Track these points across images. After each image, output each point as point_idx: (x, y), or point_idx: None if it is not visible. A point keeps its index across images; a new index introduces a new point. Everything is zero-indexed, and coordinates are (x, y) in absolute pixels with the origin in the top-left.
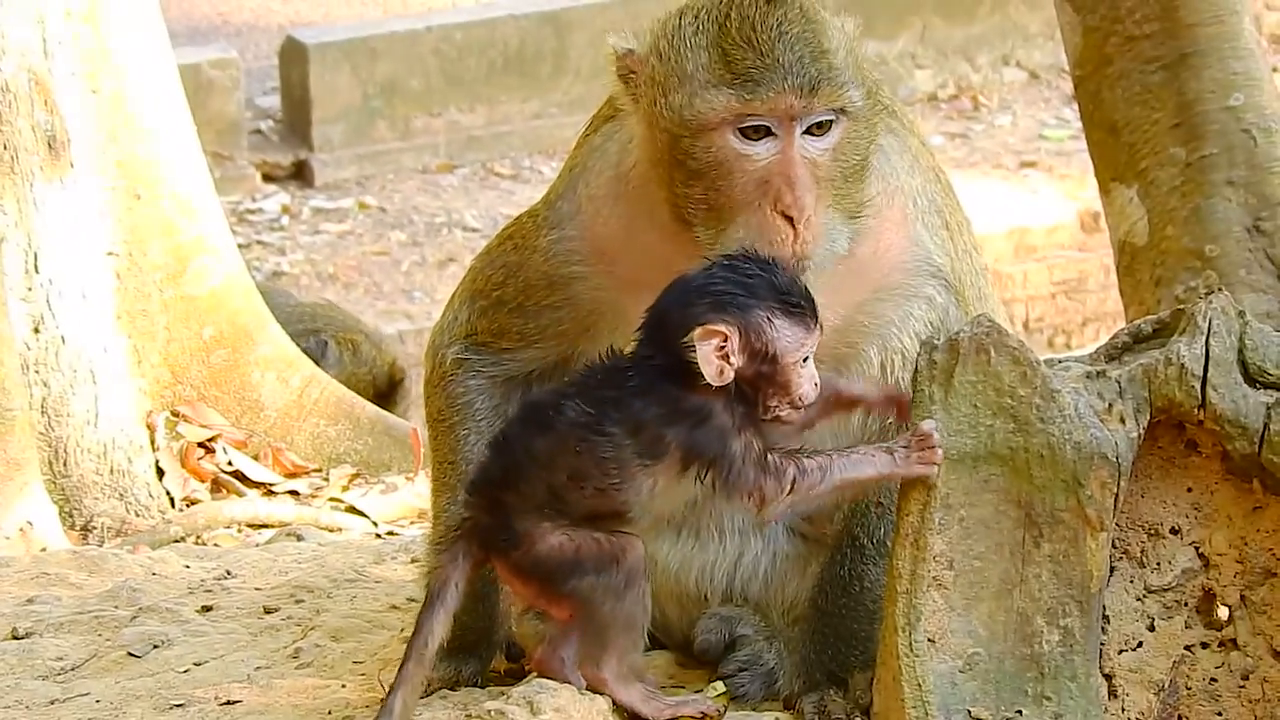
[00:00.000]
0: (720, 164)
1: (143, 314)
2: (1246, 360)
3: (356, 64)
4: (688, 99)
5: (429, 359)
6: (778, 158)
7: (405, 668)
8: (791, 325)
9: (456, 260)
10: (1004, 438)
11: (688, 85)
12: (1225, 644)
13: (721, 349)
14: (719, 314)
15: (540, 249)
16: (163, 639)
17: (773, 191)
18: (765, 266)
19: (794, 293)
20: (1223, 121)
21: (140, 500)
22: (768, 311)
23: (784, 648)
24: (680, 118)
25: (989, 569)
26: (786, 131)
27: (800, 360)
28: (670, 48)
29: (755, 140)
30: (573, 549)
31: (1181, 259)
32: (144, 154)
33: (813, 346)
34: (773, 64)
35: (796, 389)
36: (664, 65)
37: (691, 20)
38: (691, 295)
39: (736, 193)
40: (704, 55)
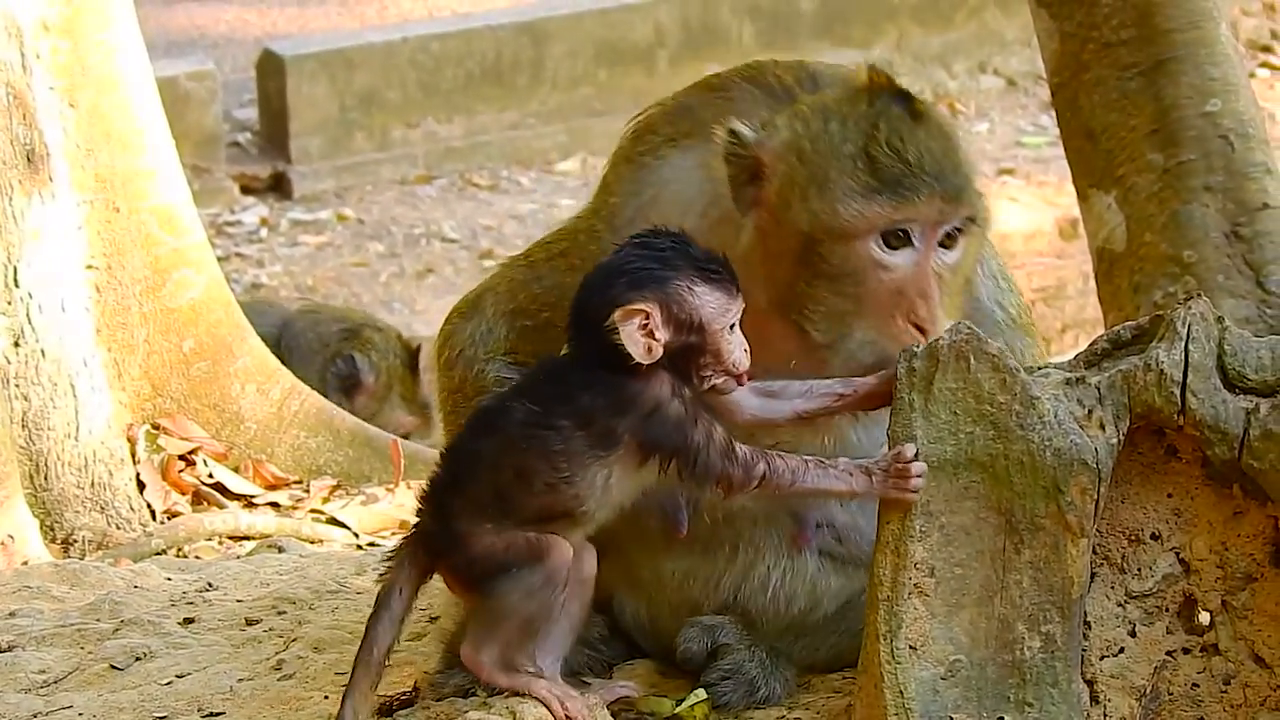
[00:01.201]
0: (855, 271)
1: (122, 327)
2: (1226, 366)
3: (334, 75)
4: (832, 205)
5: (457, 367)
6: (914, 270)
7: (354, 675)
8: (713, 291)
9: (435, 271)
10: (984, 445)
11: (832, 190)
12: (1207, 649)
13: (645, 326)
14: (637, 291)
15: None
16: (145, 651)
17: (906, 303)
18: (678, 239)
19: (711, 260)
20: (1200, 127)
21: (121, 513)
22: (686, 281)
23: (766, 657)
24: (823, 223)
25: (970, 576)
26: (926, 242)
27: (727, 327)
28: (814, 150)
29: (895, 250)
30: (501, 547)
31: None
32: (122, 167)
33: (737, 313)
34: (922, 173)
35: (728, 356)
36: (805, 167)
37: (838, 125)
38: (608, 278)
39: (866, 300)
40: (851, 163)
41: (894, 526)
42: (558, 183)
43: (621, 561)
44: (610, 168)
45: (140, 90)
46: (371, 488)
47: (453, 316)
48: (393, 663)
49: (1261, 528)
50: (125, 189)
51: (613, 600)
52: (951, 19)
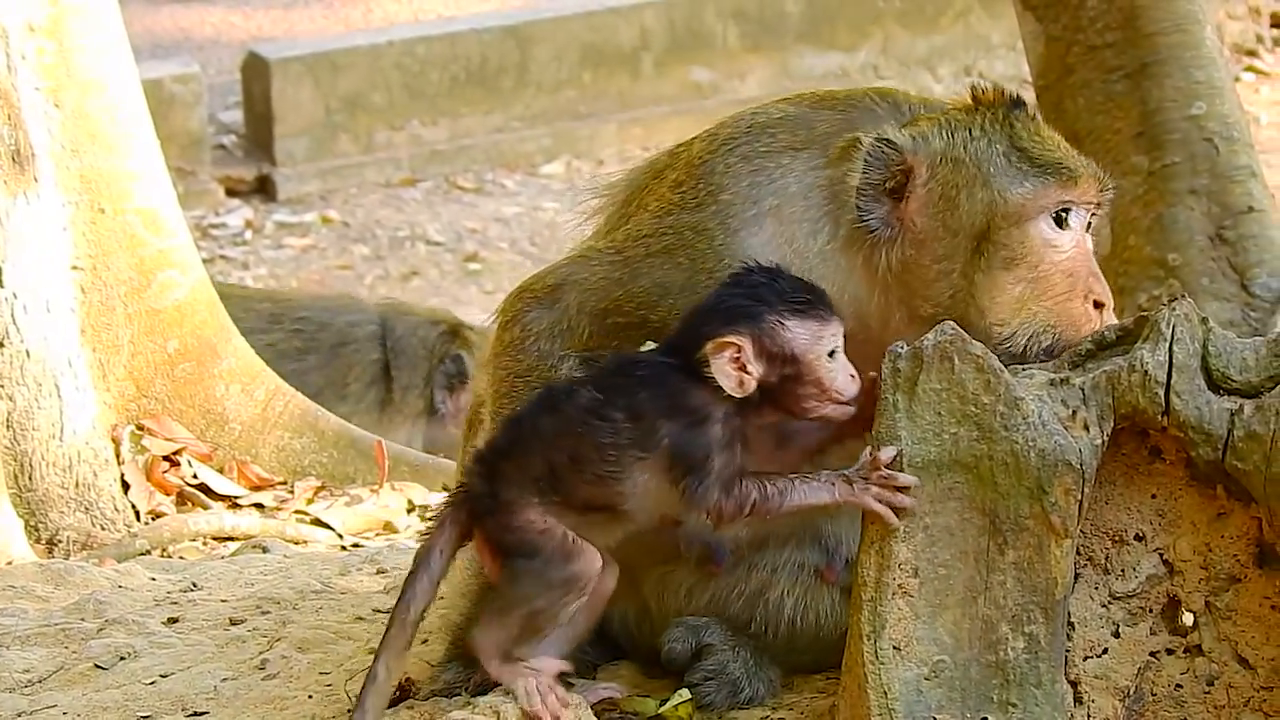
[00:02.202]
0: (1030, 253)
1: (107, 327)
2: (1210, 367)
3: (319, 78)
4: (1002, 193)
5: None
6: (1078, 250)
7: (389, 633)
8: (805, 323)
9: (419, 274)
10: (968, 445)
11: (998, 181)
12: (1190, 650)
13: (737, 359)
14: (729, 325)
15: (718, 278)
16: (129, 651)
17: (1081, 283)
18: (769, 275)
19: (803, 292)
20: (1185, 130)
21: (106, 514)
22: (777, 315)
23: (750, 657)
24: (996, 210)
25: (954, 576)
26: (1081, 223)
27: (824, 355)
28: (966, 154)
29: (1062, 230)
30: (537, 530)
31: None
32: (108, 168)
33: (832, 340)
34: (1076, 158)
35: (830, 384)
36: (961, 169)
37: (980, 132)
38: (701, 315)
39: (1043, 283)
40: (1005, 159)
41: (878, 526)
42: (543, 185)
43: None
44: (713, 155)
45: (125, 92)
46: (356, 489)
47: (525, 297)
48: None
49: (1245, 529)
50: (110, 190)
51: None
52: (937, 22)
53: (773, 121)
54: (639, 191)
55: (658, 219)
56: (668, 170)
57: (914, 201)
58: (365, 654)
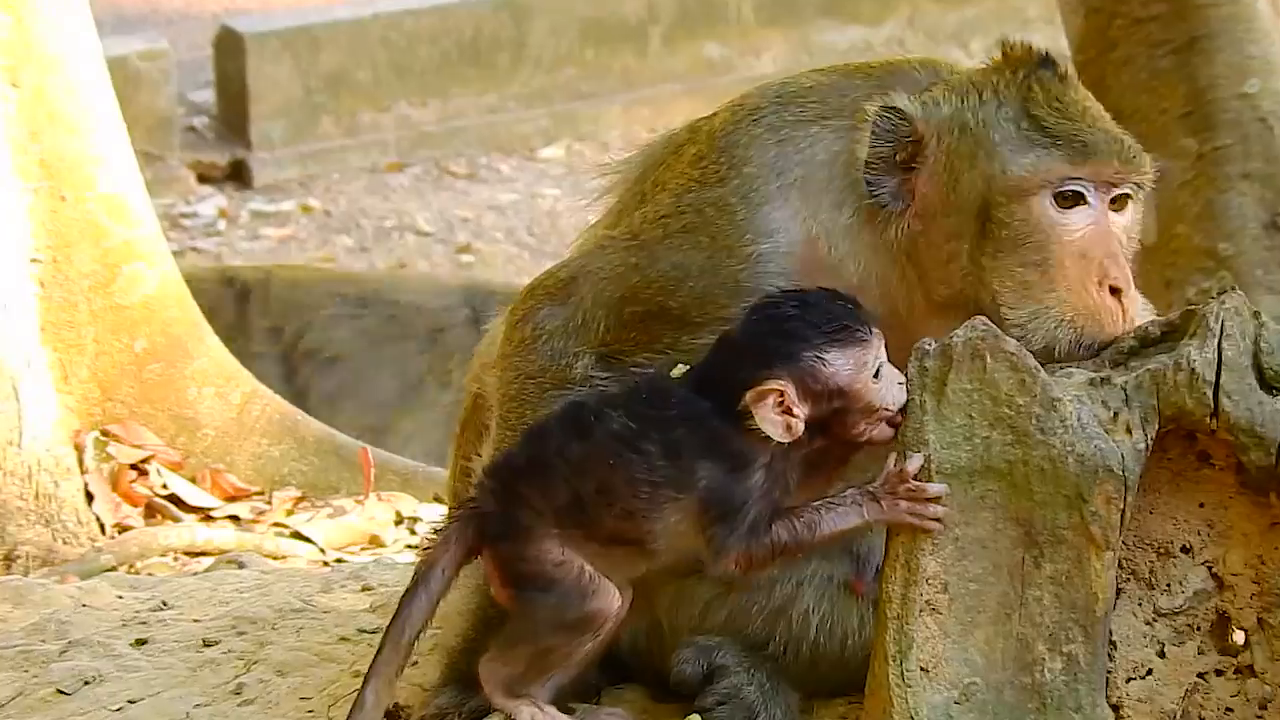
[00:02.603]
0: (1035, 233)
1: (69, 325)
2: (1262, 365)
3: (298, 55)
4: (1002, 165)
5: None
6: (1094, 229)
7: (380, 655)
8: (845, 352)
9: (407, 266)
10: (1001, 450)
11: (1000, 152)
12: (1241, 671)
13: (781, 404)
14: (767, 370)
15: (744, 257)
16: (94, 675)
17: (1095, 265)
18: (798, 301)
19: (835, 316)
20: (1237, 110)
21: (68, 527)
22: (815, 351)
23: (766, 680)
24: (996, 184)
25: (986, 592)
26: (1100, 200)
27: (870, 378)
28: (975, 120)
29: (1069, 209)
30: (554, 563)
31: (1193, 258)
32: (69, 152)
33: (876, 358)
34: (1094, 129)
35: (881, 404)
36: (968, 137)
37: (991, 94)
38: (736, 358)
39: (1053, 267)
40: (1013, 125)
41: (904, 539)
42: (541, 170)
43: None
44: (737, 126)
45: (88, 70)
46: (339, 499)
47: (537, 293)
48: None
49: None
50: (72, 176)
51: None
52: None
53: (803, 90)
54: (656, 168)
55: (676, 197)
56: (688, 145)
57: (923, 173)
58: (350, 677)
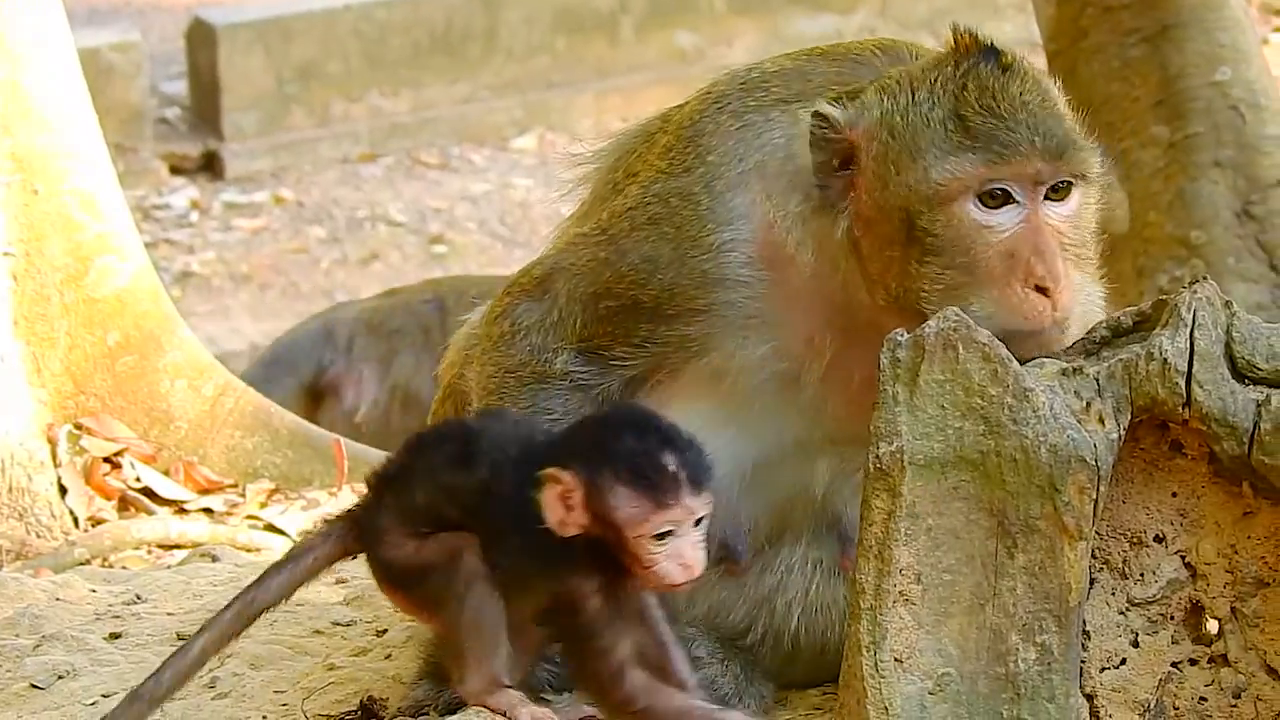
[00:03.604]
0: (960, 238)
1: (42, 318)
2: (1234, 354)
3: (270, 46)
4: (924, 171)
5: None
6: (1023, 227)
7: (221, 614)
8: (636, 498)
9: (380, 257)
10: (974, 441)
11: (924, 157)
12: (1215, 660)
13: (566, 499)
14: (570, 461)
15: (707, 247)
16: (68, 669)
17: (1022, 264)
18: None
19: (656, 468)
20: (1208, 98)
21: (42, 520)
22: (614, 476)
23: (740, 671)
24: (917, 192)
25: (959, 582)
26: (1030, 198)
27: (649, 537)
28: (904, 122)
29: (996, 209)
30: (413, 549)
31: (1166, 247)
32: (42, 145)
33: (661, 526)
34: (1016, 127)
35: (649, 565)
36: (897, 140)
37: (925, 94)
38: (571, 435)
39: (980, 269)
40: (941, 127)
41: (877, 530)
42: (513, 161)
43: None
44: (703, 114)
45: (60, 62)
46: (313, 491)
47: (514, 290)
48: (337, 680)
49: (1273, 529)
50: (44, 169)
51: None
52: None
53: (767, 75)
54: (628, 157)
55: (644, 189)
56: (659, 134)
57: (861, 177)
58: (324, 670)
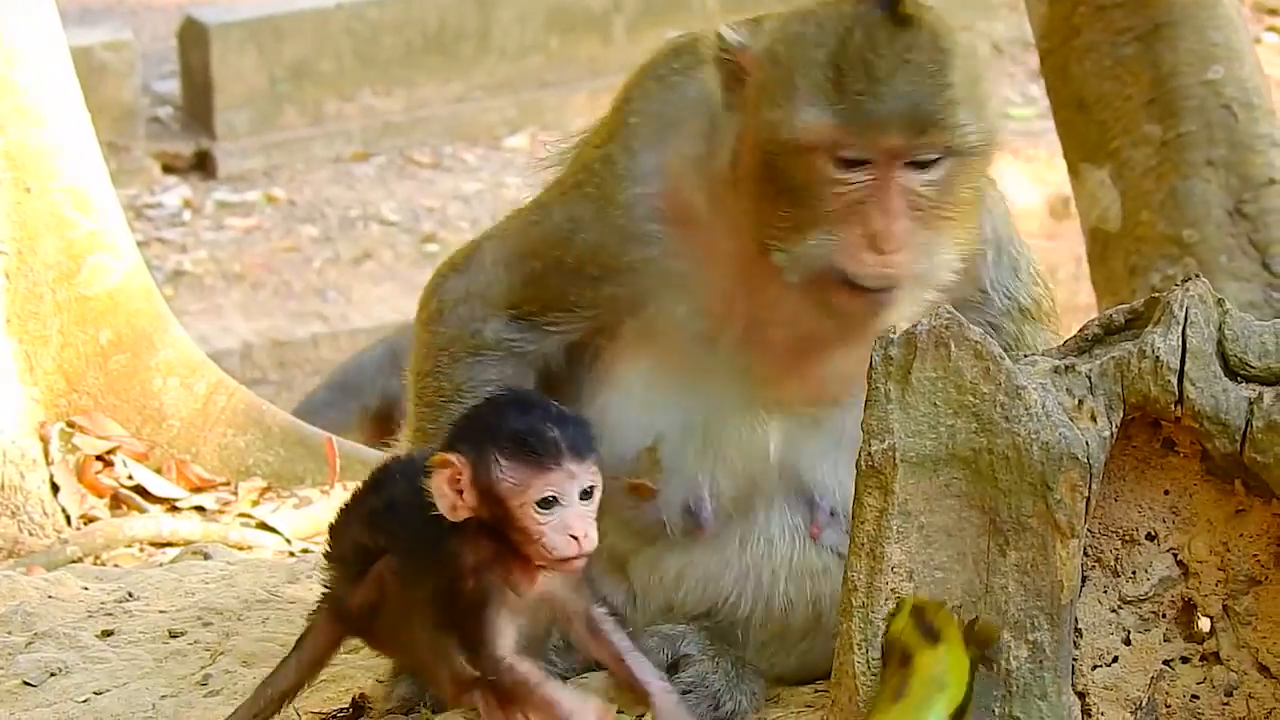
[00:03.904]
0: (811, 185)
1: (34, 316)
2: (1226, 352)
3: (262, 45)
4: (787, 116)
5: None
6: (874, 183)
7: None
8: (516, 467)
9: (373, 257)
10: (966, 438)
11: (792, 101)
12: (1207, 658)
13: (456, 482)
14: (457, 443)
15: (620, 204)
16: (60, 666)
17: (863, 217)
18: (526, 403)
19: (534, 432)
20: (1201, 96)
21: (34, 518)
22: (496, 449)
23: (731, 668)
24: (776, 135)
25: (951, 580)
26: (885, 164)
27: (532, 504)
28: (787, 54)
29: (850, 169)
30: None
31: (1158, 246)
32: (34, 144)
33: (558, 491)
34: (884, 95)
35: (538, 538)
36: (776, 72)
37: (814, 30)
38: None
39: (824, 215)
40: (817, 71)
41: (869, 527)
42: (506, 160)
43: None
44: (634, 83)
45: (52, 61)
46: (305, 490)
47: (444, 269)
48: (329, 677)
49: (1266, 526)
50: (36, 168)
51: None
52: None
53: (698, 38)
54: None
55: (574, 160)
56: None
57: (746, 97)
58: None
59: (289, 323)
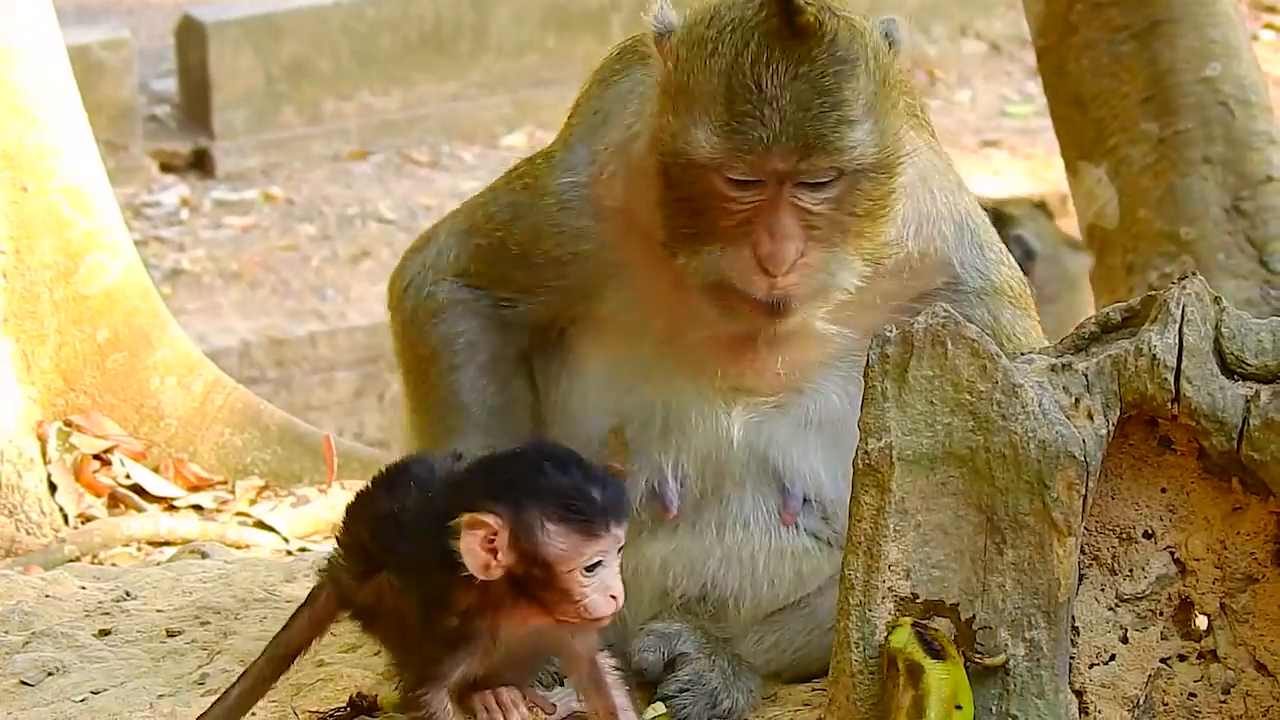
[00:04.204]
0: (702, 196)
1: (32, 315)
2: (1223, 350)
3: (259, 43)
4: (681, 129)
5: (407, 298)
6: (764, 203)
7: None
8: (568, 533)
9: (371, 254)
10: (963, 437)
11: (687, 113)
12: (1204, 656)
13: (490, 542)
14: (492, 501)
15: (552, 193)
16: (58, 666)
17: (754, 235)
18: (563, 460)
19: (582, 496)
20: (1198, 94)
21: (31, 517)
22: (542, 512)
23: (728, 666)
24: (671, 147)
25: (948, 578)
26: (775, 185)
27: (580, 569)
28: (688, 56)
29: (740, 187)
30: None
31: (1155, 243)
32: (32, 143)
33: (594, 557)
34: (768, 118)
35: (579, 599)
36: (677, 73)
37: (715, 35)
38: (473, 473)
39: (716, 227)
40: (713, 81)
41: (866, 525)
42: (503, 158)
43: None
44: (583, 87)
45: (50, 60)
46: (302, 488)
47: (406, 254)
48: (326, 676)
49: (1263, 524)
50: (34, 167)
51: None
52: None
53: (642, 38)
54: None
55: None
56: None
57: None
58: (313, 667)
59: (287, 321)
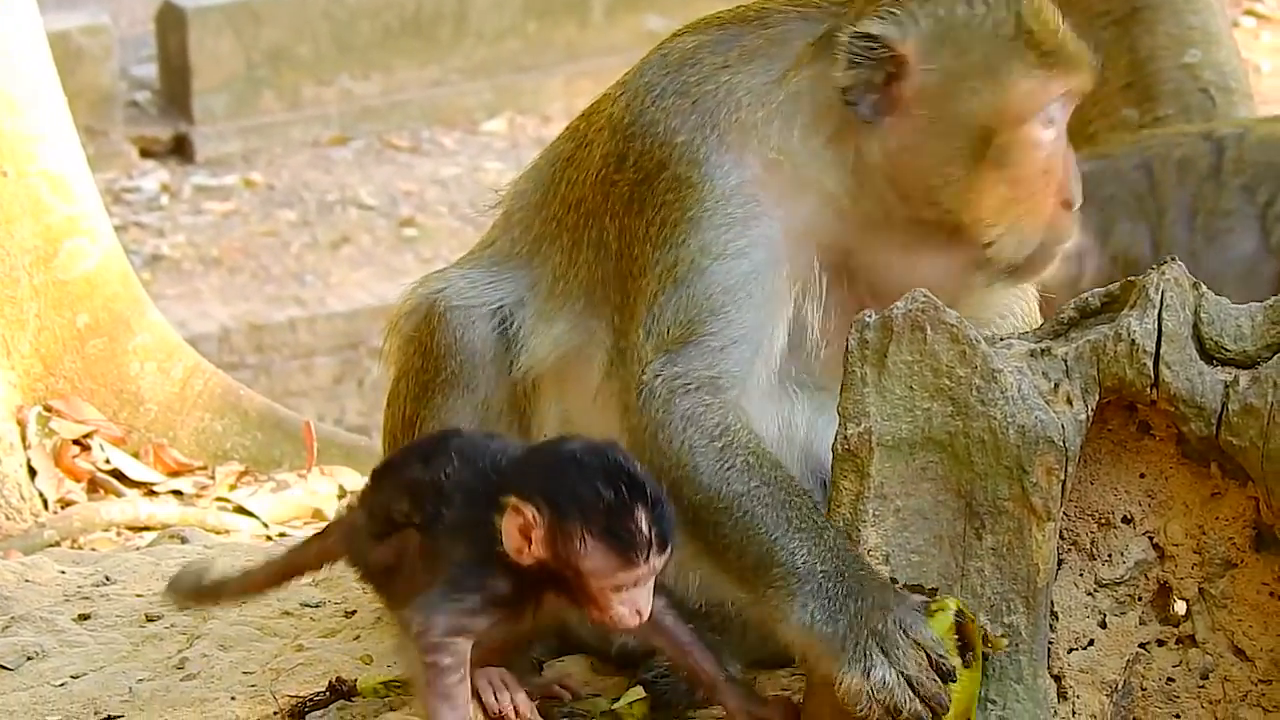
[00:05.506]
0: (1018, 152)
1: (11, 300)
2: (1202, 335)
3: (240, 29)
4: (1005, 89)
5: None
6: (1057, 144)
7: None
8: (606, 553)
9: (351, 241)
10: (942, 422)
11: (998, 75)
12: (1183, 641)
13: (525, 531)
14: (540, 498)
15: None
16: (37, 650)
17: (1055, 181)
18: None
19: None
20: (1178, 80)
21: (11, 502)
22: (585, 527)
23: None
24: (997, 109)
25: (927, 563)
26: (1064, 115)
27: (611, 587)
28: (969, 34)
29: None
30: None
31: None
32: (10, 128)
33: (636, 582)
34: (1073, 42)
35: (607, 609)
36: (964, 54)
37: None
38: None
39: (1024, 184)
40: (1012, 44)
41: (845, 511)
42: (484, 144)
43: None
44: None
45: (29, 45)
46: (282, 474)
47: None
48: (305, 661)
49: (1241, 510)
50: (13, 152)
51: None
52: None
53: (689, 52)
54: (557, 186)
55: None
56: (587, 148)
57: (910, 90)
58: (292, 651)
59: (267, 307)
